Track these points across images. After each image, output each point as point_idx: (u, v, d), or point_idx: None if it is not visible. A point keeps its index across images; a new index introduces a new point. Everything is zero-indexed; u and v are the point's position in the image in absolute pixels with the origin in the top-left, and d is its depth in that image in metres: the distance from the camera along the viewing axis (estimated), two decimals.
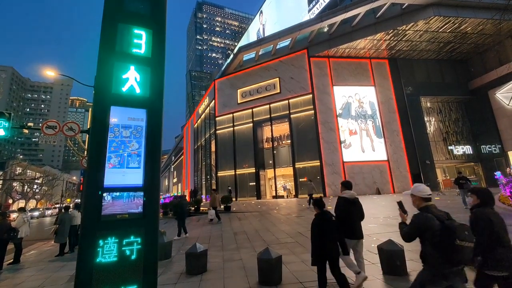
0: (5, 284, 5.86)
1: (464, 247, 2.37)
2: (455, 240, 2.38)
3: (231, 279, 5.12)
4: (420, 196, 2.83)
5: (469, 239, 2.40)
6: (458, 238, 2.37)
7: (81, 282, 1.93)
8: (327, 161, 21.08)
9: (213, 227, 11.57)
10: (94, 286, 1.95)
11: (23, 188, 51.00)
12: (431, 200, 2.81)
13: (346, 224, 4.27)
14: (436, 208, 2.76)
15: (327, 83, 22.82)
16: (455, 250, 2.38)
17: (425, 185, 2.91)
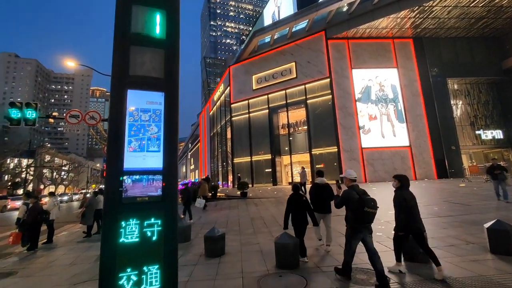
0: (41, 261, 6.33)
1: (369, 212, 3.78)
2: (364, 207, 3.76)
3: (249, 262, 5.20)
4: (349, 178, 4.27)
5: (373, 207, 3.79)
6: (366, 206, 3.76)
7: (106, 260, 2.00)
8: (344, 147, 20.62)
9: (230, 212, 11.80)
10: (118, 265, 2.02)
11: (52, 175, 54.41)
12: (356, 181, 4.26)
13: (317, 202, 5.61)
14: (359, 187, 4.11)
15: (345, 66, 21.94)
16: (364, 214, 3.78)
17: (353, 171, 4.33)
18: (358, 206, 3.81)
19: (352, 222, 3.95)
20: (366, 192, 4.02)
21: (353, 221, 3.93)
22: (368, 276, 4.25)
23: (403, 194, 4.13)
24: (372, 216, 3.82)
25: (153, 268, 2.09)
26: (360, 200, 3.84)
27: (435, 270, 4.09)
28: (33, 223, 7.32)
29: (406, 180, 4.27)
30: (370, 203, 3.79)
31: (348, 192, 4.10)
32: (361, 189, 4.04)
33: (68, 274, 5.20)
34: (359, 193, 3.95)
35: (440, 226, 6.82)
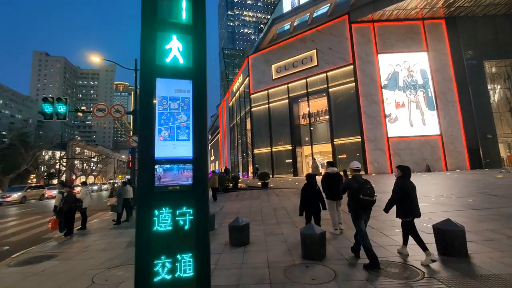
0: (77, 246, 6.76)
1: (365, 200, 4.16)
2: (359, 195, 4.16)
3: (274, 252, 5.18)
4: (352, 168, 4.72)
5: (369, 196, 4.15)
6: (362, 194, 4.15)
7: (141, 248, 2.02)
8: (369, 136, 19.86)
9: (252, 202, 11.86)
10: (153, 253, 2.03)
11: (83, 166, 57.91)
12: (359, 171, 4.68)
13: (328, 190, 6.20)
14: (361, 176, 4.51)
15: (370, 51, 20.87)
16: (360, 200, 4.18)
17: (357, 162, 4.81)
18: (356, 193, 4.23)
19: (353, 207, 4.41)
20: (367, 181, 4.35)
21: (353, 207, 4.40)
22: (400, 270, 4.08)
23: (404, 182, 4.43)
24: (368, 203, 4.22)
25: (186, 257, 2.09)
26: (358, 188, 4.24)
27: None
28: (69, 210, 7.80)
29: (407, 171, 4.57)
30: (367, 191, 4.16)
31: (349, 180, 4.64)
32: (363, 178, 4.44)
33: (102, 258, 5.49)
34: (360, 182, 4.33)
35: (476, 219, 6.39)
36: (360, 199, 4.18)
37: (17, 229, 9.94)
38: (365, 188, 4.19)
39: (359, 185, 4.27)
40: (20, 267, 5.24)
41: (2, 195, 21.59)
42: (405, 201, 4.37)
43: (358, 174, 4.57)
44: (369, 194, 4.15)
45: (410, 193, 4.34)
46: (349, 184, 4.52)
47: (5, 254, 6.43)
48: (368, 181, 4.35)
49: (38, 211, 15.79)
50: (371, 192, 4.17)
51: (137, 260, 1.99)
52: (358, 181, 4.34)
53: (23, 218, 13.03)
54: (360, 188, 4.21)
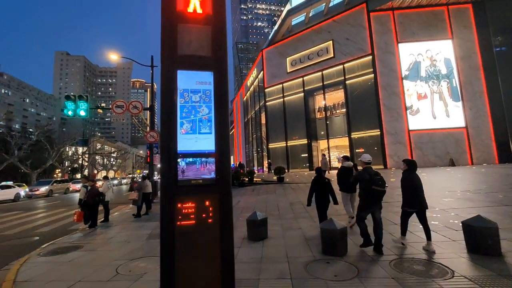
0: (101, 237, 7.01)
1: (376, 190, 4.39)
2: (371, 186, 4.39)
3: (293, 247, 5.12)
4: (363, 161, 4.87)
5: (380, 186, 4.39)
6: (373, 185, 4.38)
7: (166, 241, 2.01)
8: (388, 129, 19.20)
9: (268, 197, 11.83)
10: (178, 246, 2.02)
11: (103, 161, 60.21)
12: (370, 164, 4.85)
13: (343, 183, 6.24)
14: (372, 168, 4.72)
15: (390, 40, 20.02)
16: (372, 191, 4.42)
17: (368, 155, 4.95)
18: (368, 185, 4.49)
19: (363, 198, 4.65)
20: (378, 173, 4.61)
21: (364, 197, 4.65)
22: (427, 267, 3.90)
23: (410, 176, 4.59)
24: (379, 193, 4.47)
25: None
26: (370, 179, 4.49)
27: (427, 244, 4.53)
28: (92, 203, 8.11)
29: (413, 164, 4.73)
30: (378, 182, 4.43)
31: (360, 172, 4.90)
32: (374, 170, 4.71)
33: (125, 250, 5.65)
34: (371, 174, 4.57)
35: (508, 216, 6.01)
36: (372, 189, 4.47)
37: (45, 221, 10.48)
38: (376, 179, 4.46)
39: (370, 176, 4.53)
40: (50, 257, 5.50)
41: (31, 189, 22.87)
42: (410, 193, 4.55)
43: (369, 166, 4.82)
44: (380, 185, 4.44)
45: (417, 185, 4.51)
46: (360, 176, 4.81)
47: (36, 244, 6.78)
48: (379, 173, 4.63)
49: (64, 204, 16.59)
50: (382, 183, 4.46)
51: (163, 254, 1.99)
52: (369, 173, 4.60)
53: (50, 210, 13.73)
54: (371, 180, 4.49)
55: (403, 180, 4.65)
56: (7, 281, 4.31)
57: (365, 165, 4.84)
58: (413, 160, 4.86)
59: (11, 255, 5.94)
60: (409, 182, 4.54)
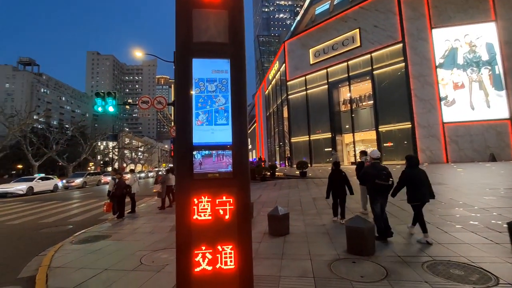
0: (128, 227, 7.30)
1: (380, 184, 4.73)
2: (375, 180, 4.75)
3: (316, 244, 4.93)
4: (372, 157, 5.19)
5: (384, 181, 4.71)
6: (377, 179, 4.73)
7: (182, 236, 1.94)
8: (420, 122, 18.00)
9: (290, 192, 11.63)
10: (193, 242, 1.93)
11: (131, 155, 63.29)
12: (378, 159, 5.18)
13: None
14: (379, 164, 5.07)
15: (423, 26, 18.58)
16: (376, 185, 4.77)
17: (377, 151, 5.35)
18: (373, 179, 4.83)
19: (371, 191, 4.98)
20: (385, 168, 4.93)
21: (371, 191, 4.98)
22: (466, 272, 3.53)
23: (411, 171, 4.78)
24: (383, 187, 4.79)
25: (227, 248, 1.97)
26: (375, 174, 4.82)
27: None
28: (120, 195, 8.46)
29: (413, 160, 4.90)
30: (382, 177, 4.74)
31: (367, 167, 5.37)
32: (381, 166, 5.04)
33: (149, 241, 5.81)
34: (377, 169, 4.89)
35: None
36: (376, 183, 4.80)
37: (79, 211, 11.19)
38: (381, 174, 4.78)
39: (376, 171, 4.85)
40: (81, 245, 5.81)
41: (68, 180, 24.63)
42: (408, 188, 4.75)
43: (377, 162, 5.14)
44: (384, 180, 4.75)
45: (414, 180, 4.69)
46: (367, 170, 5.17)
47: (69, 232, 7.22)
48: (386, 168, 4.94)
49: (96, 195, 17.64)
50: (386, 177, 4.75)
51: (178, 248, 1.91)
52: (376, 168, 4.93)
53: (83, 200, 14.66)
54: (376, 174, 4.80)
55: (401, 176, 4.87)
56: (43, 266, 4.61)
57: (373, 161, 5.17)
58: (413, 156, 5.05)
59: (48, 242, 6.39)
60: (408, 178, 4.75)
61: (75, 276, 4.12)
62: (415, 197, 4.71)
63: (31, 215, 10.38)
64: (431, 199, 4.82)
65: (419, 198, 4.69)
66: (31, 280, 4.16)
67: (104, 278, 3.98)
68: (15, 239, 6.92)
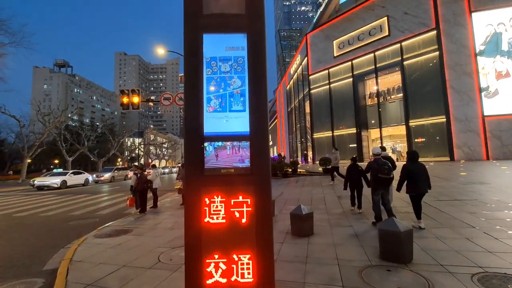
0: (149, 223, 7.32)
1: (382, 178, 5.39)
2: (378, 174, 5.42)
3: (343, 248, 4.50)
4: (374, 153, 5.88)
5: (386, 174, 5.35)
6: (380, 173, 5.39)
7: (191, 242, 1.66)
8: (457, 116, 16.53)
9: (314, 189, 11.16)
10: (205, 249, 1.64)
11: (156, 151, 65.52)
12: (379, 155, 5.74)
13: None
14: (381, 159, 5.63)
15: (461, 10, 16.95)
16: (378, 179, 5.43)
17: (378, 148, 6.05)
18: (375, 173, 5.41)
19: (373, 183, 5.59)
20: (387, 163, 5.48)
21: (373, 183, 5.58)
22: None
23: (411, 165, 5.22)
24: (385, 180, 5.38)
25: (244, 258, 1.66)
26: (377, 168, 5.39)
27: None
28: (142, 190, 8.54)
29: (412, 156, 5.33)
30: (384, 171, 5.31)
31: (370, 163, 5.84)
32: (382, 161, 5.54)
33: (168, 237, 5.72)
34: (379, 164, 5.44)
35: None
36: (378, 177, 5.40)
37: (105, 204, 11.56)
38: (383, 168, 5.35)
39: (378, 166, 5.43)
40: (103, 239, 5.85)
41: (98, 175, 25.90)
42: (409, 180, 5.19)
43: (379, 157, 5.66)
44: (385, 173, 5.33)
45: (413, 173, 5.15)
46: (370, 165, 5.77)
47: (94, 225, 7.39)
48: (387, 163, 5.50)
49: (123, 189, 18.28)
50: (387, 171, 5.32)
51: (187, 256, 1.64)
52: (378, 163, 5.50)
53: (111, 194, 15.22)
54: (379, 169, 5.39)
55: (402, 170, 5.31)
56: (65, 260, 4.65)
57: (375, 157, 5.74)
58: (414, 152, 5.47)
59: (74, 234, 6.59)
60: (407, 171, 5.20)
61: (94, 271, 4.08)
62: (414, 189, 5.19)
63: (63, 208, 10.89)
64: None
65: (418, 190, 5.17)
66: (53, 273, 4.20)
67: (122, 275, 3.88)
68: (46, 231, 7.23)
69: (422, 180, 5.11)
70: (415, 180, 5.13)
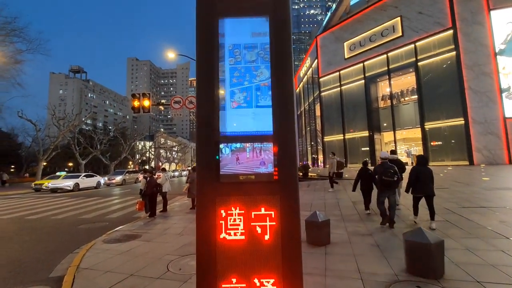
0: (158, 227, 7.13)
1: (387, 180, 5.69)
2: (383, 177, 5.73)
3: (365, 259, 4.17)
4: (381, 157, 6.34)
5: (390, 177, 5.66)
6: (384, 176, 5.71)
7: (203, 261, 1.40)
8: (476, 118, 15.83)
9: (326, 194, 10.78)
10: (220, 271, 1.38)
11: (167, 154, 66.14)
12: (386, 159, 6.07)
13: None
14: (387, 163, 5.92)
15: (478, 8, 16.33)
16: (383, 181, 5.75)
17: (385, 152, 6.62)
18: (380, 175, 5.75)
19: (379, 185, 5.93)
20: (392, 167, 5.77)
21: (379, 185, 5.92)
22: None
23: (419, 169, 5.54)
24: (389, 183, 5.65)
25: (267, 283, 1.38)
26: (382, 171, 5.71)
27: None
28: (151, 194, 8.38)
29: (420, 159, 5.76)
30: (388, 174, 5.63)
31: (376, 167, 6.32)
32: (388, 164, 5.85)
33: (178, 244, 5.49)
34: (385, 167, 5.76)
35: None
36: (383, 179, 5.74)
37: (116, 208, 11.50)
38: (387, 171, 5.71)
39: (383, 169, 5.79)
40: (111, 244, 5.69)
41: (109, 178, 26.16)
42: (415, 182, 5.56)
43: (386, 161, 5.99)
44: (390, 176, 5.66)
45: (420, 176, 5.49)
46: (376, 168, 6.34)
47: (104, 230, 7.26)
48: (393, 166, 5.83)
49: (133, 192, 18.29)
50: (391, 175, 5.67)
51: (199, 279, 1.38)
52: (384, 167, 5.83)
53: (121, 197, 15.21)
54: (383, 172, 5.76)
55: (410, 172, 5.65)
56: (72, 266, 4.49)
57: (382, 160, 6.08)
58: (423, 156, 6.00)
59: (83, 238, 6.46)
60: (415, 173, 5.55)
61: (100, 280, 3.89)
62: (420, 190, 5.59)
63: (74, 211, 10.88)
64: None
65: (423, 191, 5.55)
66: (60, 281, 4.05)
67: (129, 285, 3.67)
68: (56, 234, 7.16)
69: (427, 183, 5.50)
70: (422, 182, 5.52)
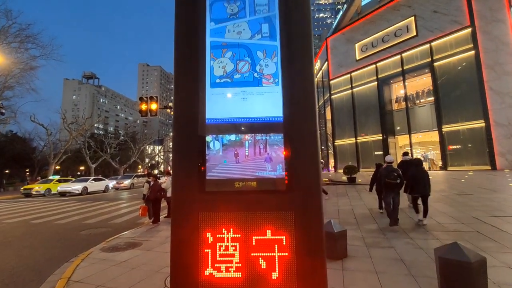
0: (160, 235, 6.75)
1: (389, 182, 6.15)
2: (385, 179, 6.22)
3: (389, 277, 3.62)
4: (386, 161, 6.67)
5: (392, 179, 6.11)
6: (387, 178, 6.20)
7: None
8: (498, 120, 14.88)
9: (339, 200, 10.17)
10: None
11: None
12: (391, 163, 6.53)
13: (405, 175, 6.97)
14: (392, 166, 6.43)
15: (499, 5, 15.52)
16: (386, 183, 6.22)
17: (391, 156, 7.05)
18: (384, 178, 6.31)
19: (384, 188, 6.39)
20: (396, 170, 6.31)
21: (384, 187, 6.38)
22: None
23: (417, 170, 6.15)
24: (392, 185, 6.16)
25: None
26: (386, 174, 6.29)
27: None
28: (154, 199, 8.04)
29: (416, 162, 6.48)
30: (391, 176, 6.17)
31: (380, 170, 6.89)
32: (392, 167, 6.38)
33: None
34: (388, 170, 6.29)
35: None
36: (386, 182, 6.16)
37: (121, 212, 11.25)
38: (390, 174, 6.14)
39: (387, 172, 6.23)
40: (109, 253, 5.33)
41: (118, 182, 26.17)
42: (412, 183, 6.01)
43: (390, 165, 6.43)
44: (392, 179, 6.08)
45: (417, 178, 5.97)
46: (381, 172, 6.59)
47: (104, 236, 6.94)
48: (397, 170, 6.30)
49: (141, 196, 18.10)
50: (394, 177, 6.08)
51: None
52: (388, 170, 6.26)
53: (128, 202, 15.01)
54: (387, 175, 6.19)
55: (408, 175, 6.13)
56: (62, 279, 4.14)
57: (387, 164, 6.50)
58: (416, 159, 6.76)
59: (82, 245, 6.17)
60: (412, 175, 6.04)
61: None
62: (416, 190, 6.04)
63: (78, 215, 10.69)
64: None
65: (419, 191, 6.00)
66: None
67: None
68: (57, 240, 6.92)
69: (422, 184, 5.94)
70: (418, 183, 5.97)
